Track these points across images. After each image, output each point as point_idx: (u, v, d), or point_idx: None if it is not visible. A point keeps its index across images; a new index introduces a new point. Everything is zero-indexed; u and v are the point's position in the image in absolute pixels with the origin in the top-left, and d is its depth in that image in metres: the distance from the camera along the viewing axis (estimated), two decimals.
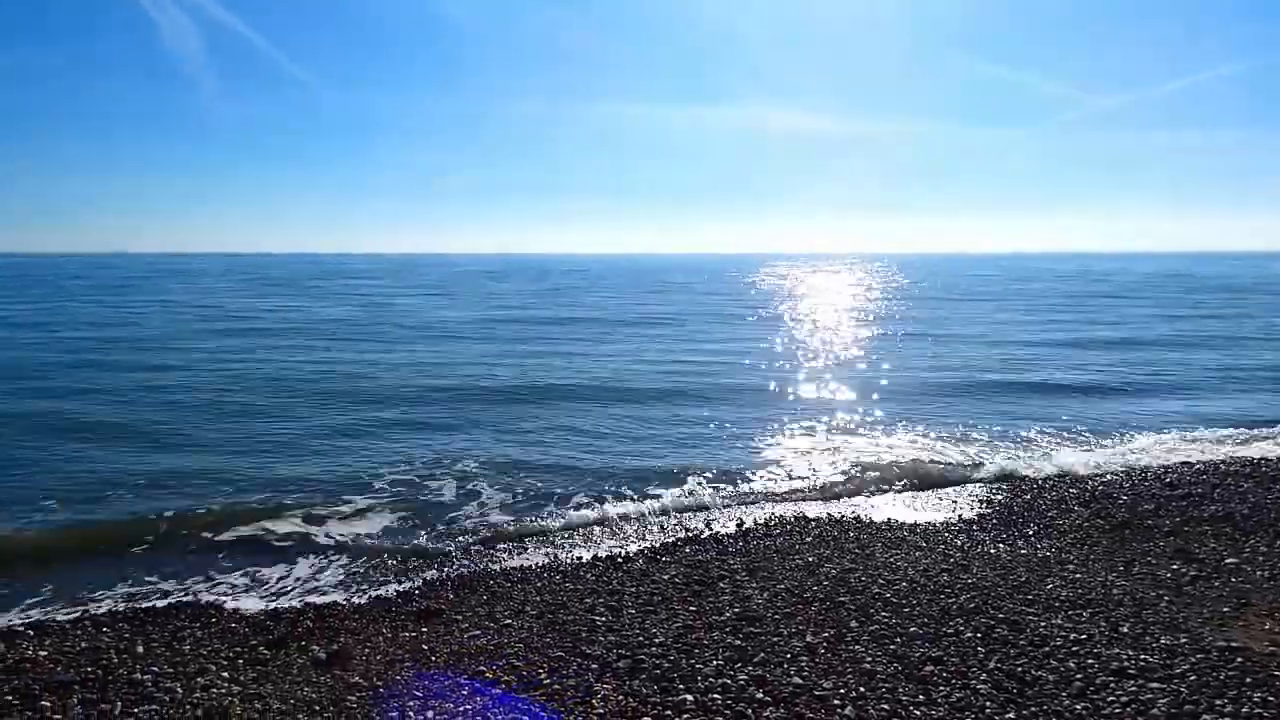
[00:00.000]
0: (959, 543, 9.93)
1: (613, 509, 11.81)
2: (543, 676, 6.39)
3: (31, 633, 7.78)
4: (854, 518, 11.20)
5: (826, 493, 12.82)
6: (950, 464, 14.16)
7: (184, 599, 8.85)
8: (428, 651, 7.11)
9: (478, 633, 7.52)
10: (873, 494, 12.81)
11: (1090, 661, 6.38)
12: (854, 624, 7.27)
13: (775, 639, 6.98)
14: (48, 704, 6.16)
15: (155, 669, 6.80)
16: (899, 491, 12.88)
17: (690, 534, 10.77)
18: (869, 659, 6.52)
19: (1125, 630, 6.98)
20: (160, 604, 8.66)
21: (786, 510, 11.78)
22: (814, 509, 11.78)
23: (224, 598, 8.88)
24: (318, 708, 6.05)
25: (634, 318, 44.21)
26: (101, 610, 8.45)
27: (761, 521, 11.19)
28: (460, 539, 10.63)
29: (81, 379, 22.75)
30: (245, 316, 46.54)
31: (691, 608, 7.89)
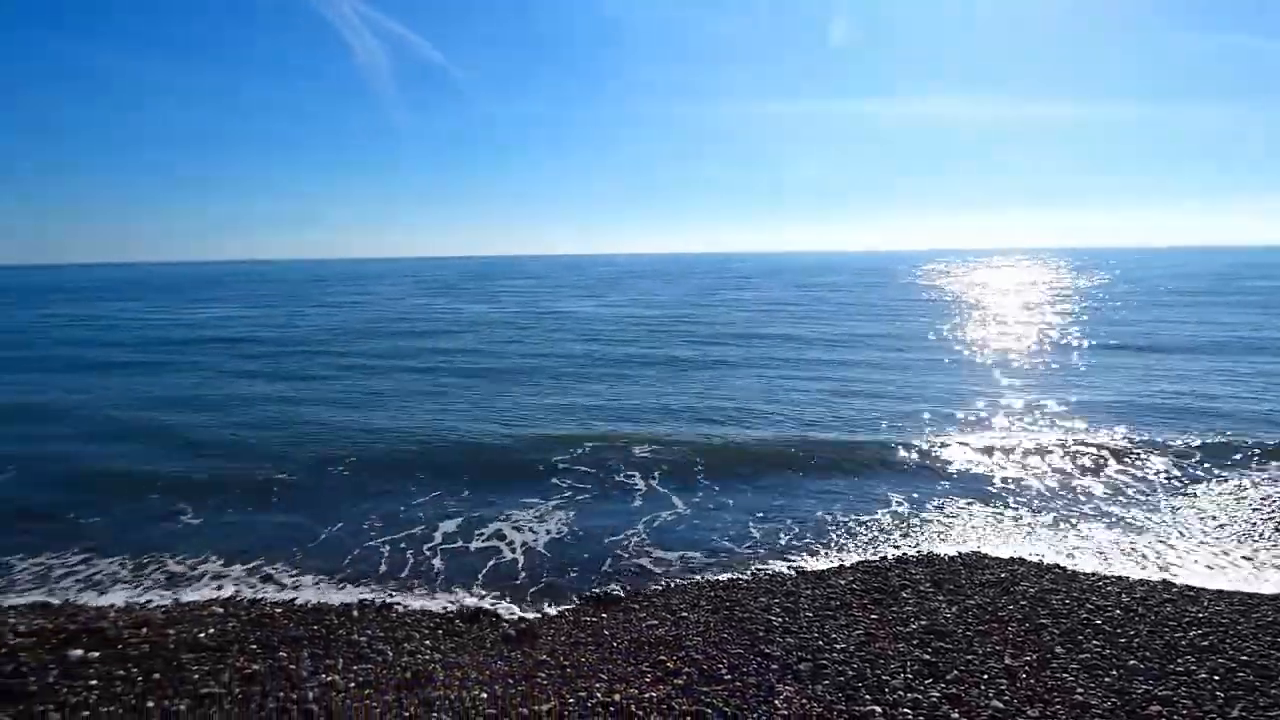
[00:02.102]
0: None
1: (783, 504, 11.61)
2: (723, 672, 6.38)
3: (271, 590, 8.85)
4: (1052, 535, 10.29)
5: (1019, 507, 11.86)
6: (1164, 477, 12.63)
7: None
8: (609, 636, 7.32)
9: (655, 622, 7.65)
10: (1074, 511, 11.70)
11: None
12: (1060, 650, 6.67)
13: (969, 657, 6.55)
14: (284, 654, 6.97)
15: (369, 632, 7.51)
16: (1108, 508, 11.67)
17: (866, 540, 10.35)
18: (1080, 690, 5.95)
19: None
20: (367, 572, 9.54)
21: (973, 522, 11.02)
22: (1005, 523, 10.94)
23: (423, 575, 9.63)
24: (510, 680, 6.40)
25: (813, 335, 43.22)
26: (316, 577, 9.46)
27: (944, 532, 10.55)
28: (635, 530, 10.85)
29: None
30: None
31: (873, 615, 7.58)
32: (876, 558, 9.59)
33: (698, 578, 9.05)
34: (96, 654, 6.81)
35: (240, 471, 13.70)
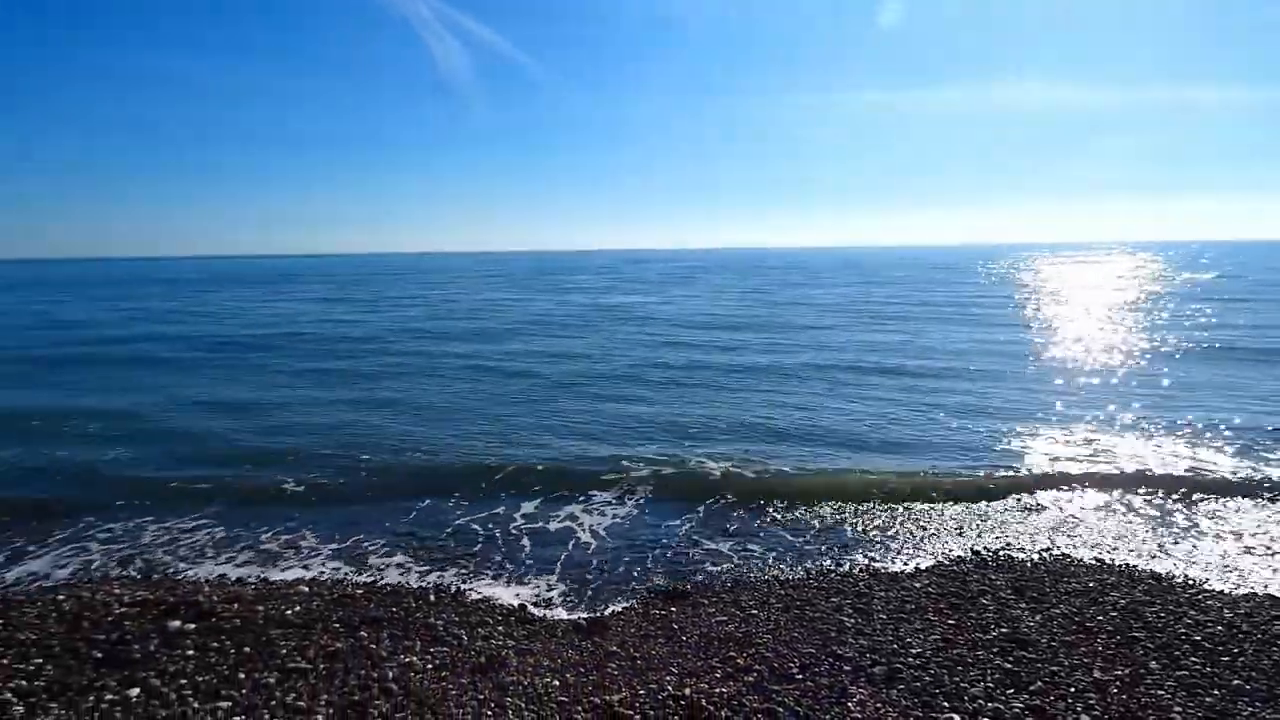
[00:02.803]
0: None
1: (853, 507, 11.38)
2: (794, 671, 6.30)
3: (350, 572, 9.19)
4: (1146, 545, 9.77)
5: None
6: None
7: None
8: (678, 630, 7.32)
9: (724, 619, 7.61)
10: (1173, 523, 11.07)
11: None
12: (1154, 665, 6.33)
13: (1054, 668, 6.28)
14: (365, 634, 7.22)
15: (445, 616, 7.71)
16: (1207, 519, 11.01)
17: (942, 543, 10.05)
18: (1178, 709, 5.64)
19: None
20: (445, 558, 9.79)
21: (1058, 529, 10.56)
22: (1092, 530, 10.45)
23: (496, 564, 9.83)
24: (582, 669, 6.48)
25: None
26: (396, 560, 9.77)
27: (1027, 538, 10.14)
28: (705, 525, 10.82)
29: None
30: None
31: (950, 621, 7.36)
32: (953, 561, 9.30)
33: (766, 576, 8.95)
34: (193, 626, 7.20)
35: (325, 458, 14.28)
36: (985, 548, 9.75)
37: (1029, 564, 9.12)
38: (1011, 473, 12.99)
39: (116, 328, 40.11)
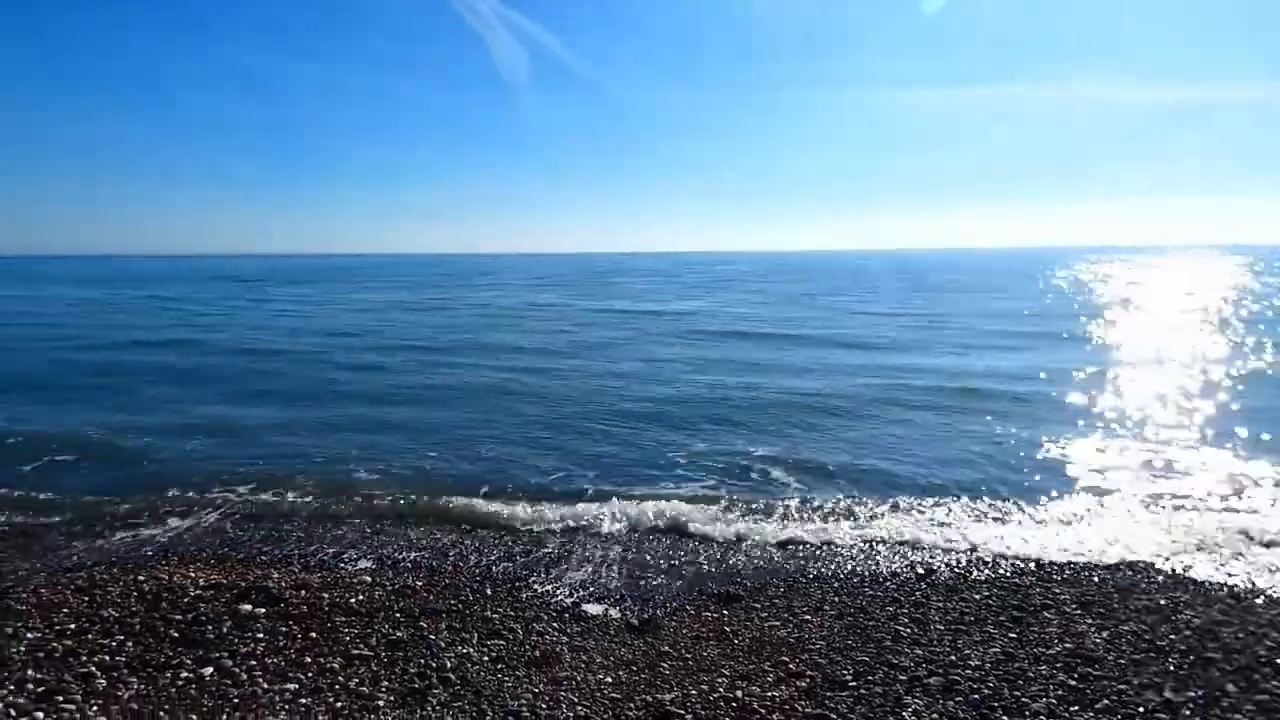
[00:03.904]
0: None
1: (915, 515, 11.18)
2: (848, 678, 6.23)
3: (409, 565, 9.44)
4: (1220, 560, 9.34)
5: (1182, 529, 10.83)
6: None
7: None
8: (730, 633, 7.32)
9: (777, 623, 7.57)
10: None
11: None
12: (1231, 688, 6.05)
13: (1122, 687, 6.07)
14: (425, 625, 7.42)
15: (501, 610, 7.87)
16: None
17: (1004, 553, 9.78)
18: None
19: None
20: (500, 550, 9.97)
21: (1128, 542, 10.17)
22: (1165, 546, 10.03)
23: (550, 560, 9.98)
24: (635, 668, 6.54)
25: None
26: (453, 553, 9.99)
27: (1095, 550, 9.80)
28: (760, 528, 10.77)
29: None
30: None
31: (1010, 634, 7.17)
32: (1014, 573, 9.05)
33: (820, 582, 8.87)
34: (263, 610, 7.51)
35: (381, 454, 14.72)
36: (1049, 560, 9.46)
37: (1096, 578, 8.82)
38: (1079, 485, 12.58)
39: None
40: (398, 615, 7.62)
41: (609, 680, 6.25)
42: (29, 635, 6.75)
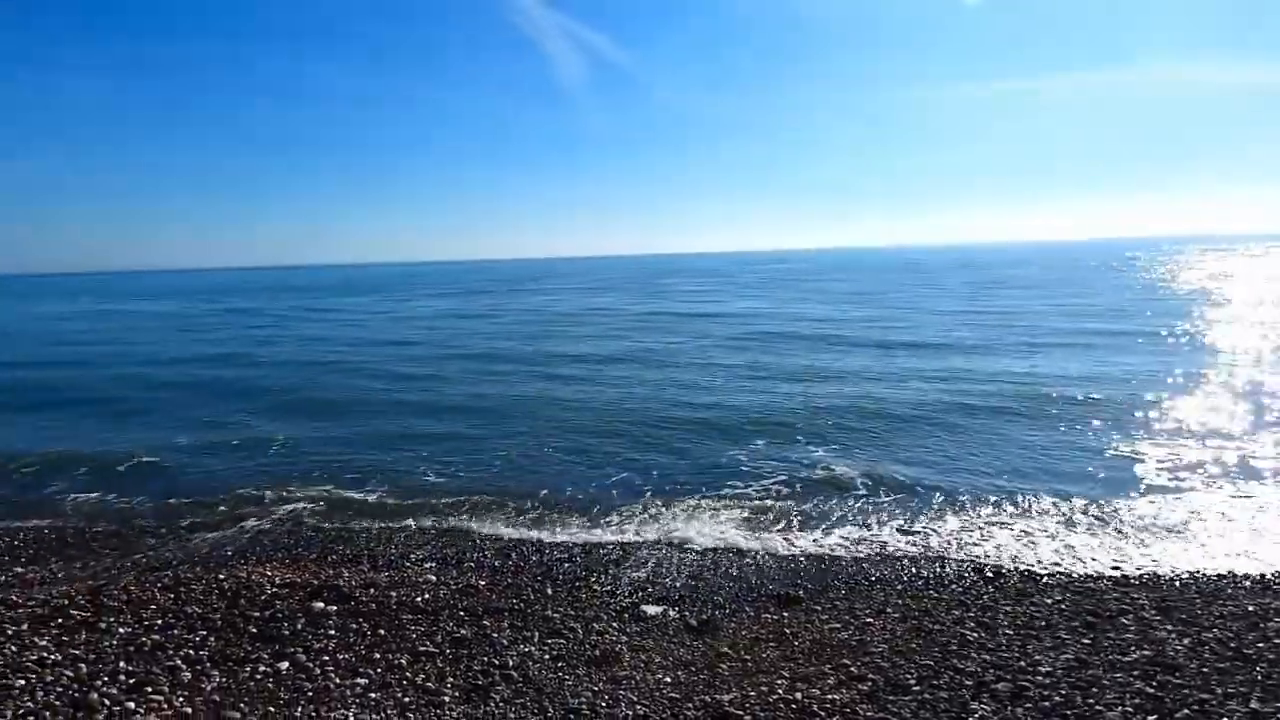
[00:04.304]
0: None
1: (983, 519, 10.88)
2: (911, 682, 6.11)
3: (472, 565, 9.65)
4: None
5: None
6: None
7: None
8: (790, 635, 7.26)
9: (838, 625, 7.48)
10: None
11: None
12: None
13: (1205, 696, 5.79)
14: (487, 623, 7.59)
15: (561, 610, 7.98)
16: None
17: (1077, 557, 9.44)
18: None
19: None
20: (561, 552, 10.11)
21: (1214, 546, 9.70)
22: (1255, 551, 9.53)
23: (609, 562, 10.06)
24: (693, 669, 6.55)
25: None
26: (515, 553, 10.16)
27: (1177, 554, 9.37)
28: (820, 531, 10.66)
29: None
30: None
31: (1084, 640, 6.92)
32: (1089, 576, 8.73)
33: (883, 585, 8.71)
34: (334, 608, 7.79)
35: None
36: (1127, 565, 9.09)
37: (1178, 583, 8.44)
38: (1158, 489, 12.05)
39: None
40: (461, 614, 7.80)
41: (668, 680, 6.28)
42: (121, 630, 7.15)
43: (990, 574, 8.95)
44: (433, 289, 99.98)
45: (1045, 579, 8.72)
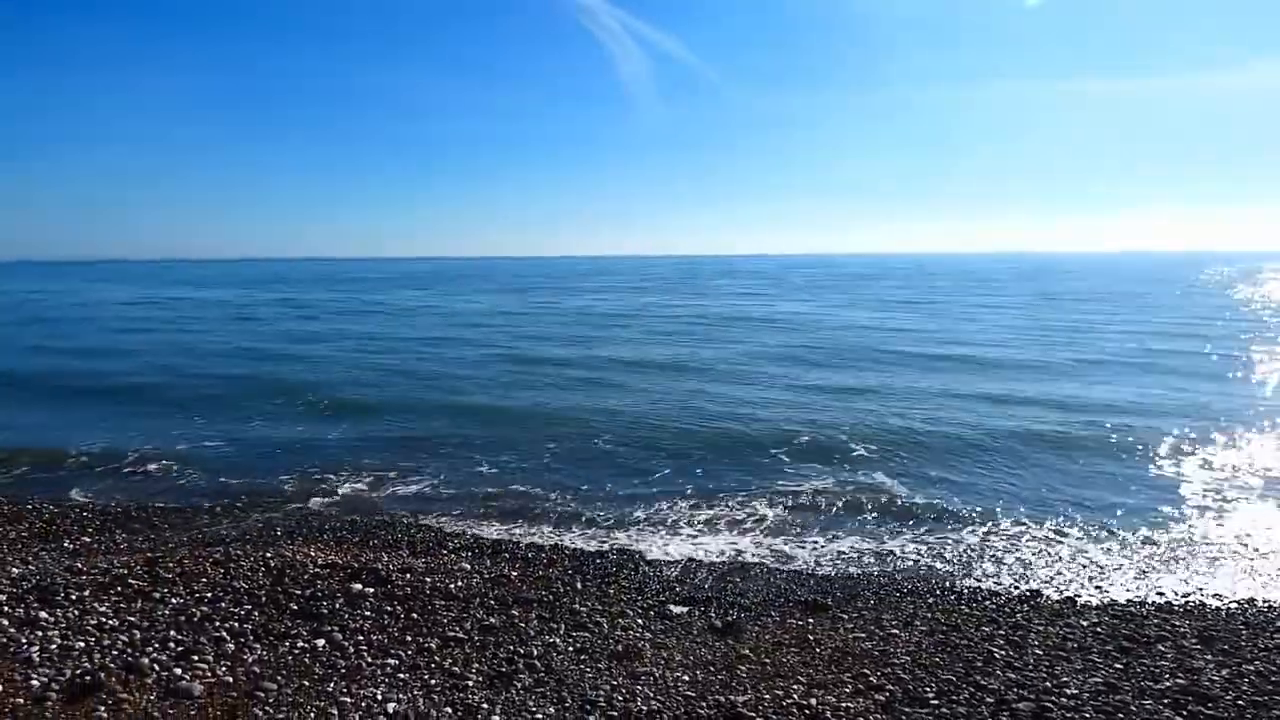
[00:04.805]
0: None
1: (1025, 537, 10.67)
2: (930, 695, 6.08)
3: (506, 555, 9.90)
4: None
5: None
6: None
7: (611, 552, 10.42)
8: (812, 642, 7.27)
9: (862, 635, 7.45)
10: None
11: None
12: None
13: None
14: (516, 613, 7.79)
15: (588, 604, 8.14)
16: None
17: (1119, 580, 9.19)
18: None
19: None
20: (593, 548, 10.28)
21: (1266, 575, 9.33)
22: None
23: (638, 559, 10.20)
24: (712, 669, 6.63)
25: None
26: (549, 545, 10.37)
27: (1225, 583, 9.05)
28: (849, 540, 10.60)
29: None
30: None
31: (1116, 665, 6.76)
32: (1129, 601, 8.50)
33: (914, 597, 8.64)
34: (372, 590, 8.10)
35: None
36: (1171, 590, 8.82)
37: (1224, 613, 8.16)
38: (1209, 519, 11.61)
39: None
40: (492, 602, 8.03)
41: (686, 678, 6.37)
42: (173, 600, 7.58)
43: (1027, 593, 8.79)
44: (490, 283, 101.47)
45: (1083, 601, 8.53)
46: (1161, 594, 8.77)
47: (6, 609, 7.13)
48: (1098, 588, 8.99)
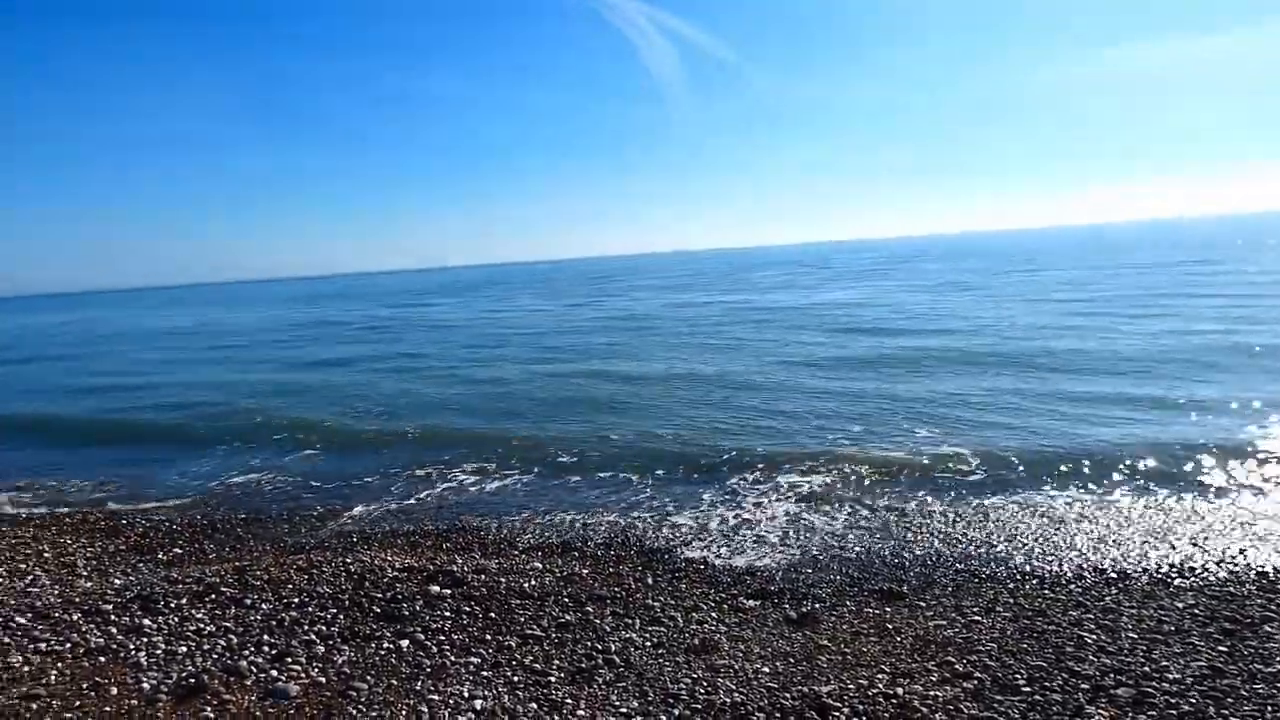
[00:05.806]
0: None
1: (1109, 512, 10.27)
2: (1021, 683, 5.91)
3: (575, 553, 9.99)
4: None
5: None
6: None
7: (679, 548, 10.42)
8: (892, 631, 7.14)
9: (943, 623, 7.29)
10: None
11: None
12: None
13: None
14: (590, 610, 7.86)
15: (661, 599, 8.16)
16: None
17: (1217, 558, 8.77)
18: None
19: None
20: (660, 544, 10.30)
21: None
22: None
23: (708, 552, 10.17)
24: (792, 660, 6.57)
25: None
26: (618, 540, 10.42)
27: None
28: (926, 522, 10.37)
29: None
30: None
31: (1220, 648, 6.45)
32: (1227, 580, 8.09)
33: (993, 583, 8.40)
34: (449, 591, 8.28)
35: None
36: (1274, 569, 8.37)
37: None
38: None
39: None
40: (566, 600, 8.12)
41: (766, 670, 6.33)
42: (263, 606, 7.88)
43: (1114, 575, 8.46)
44: (529, 289, 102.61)
45: (1177, 582, 8.16)
46: (1265, 573, 8.32)
47: (114, 617, 7.53)
48: (1192, 568, 8.58)
